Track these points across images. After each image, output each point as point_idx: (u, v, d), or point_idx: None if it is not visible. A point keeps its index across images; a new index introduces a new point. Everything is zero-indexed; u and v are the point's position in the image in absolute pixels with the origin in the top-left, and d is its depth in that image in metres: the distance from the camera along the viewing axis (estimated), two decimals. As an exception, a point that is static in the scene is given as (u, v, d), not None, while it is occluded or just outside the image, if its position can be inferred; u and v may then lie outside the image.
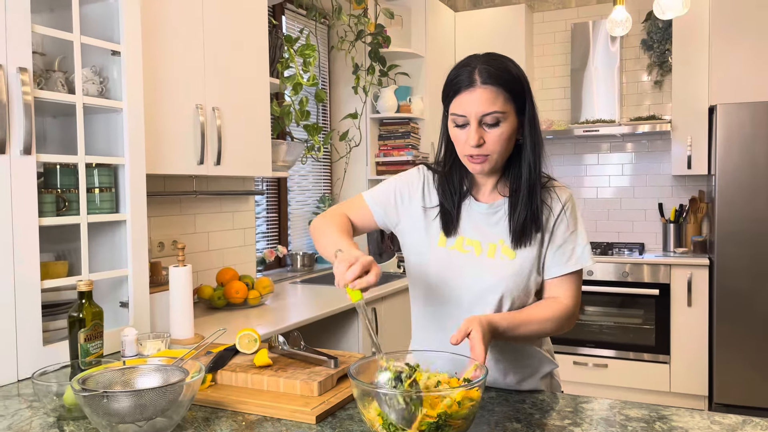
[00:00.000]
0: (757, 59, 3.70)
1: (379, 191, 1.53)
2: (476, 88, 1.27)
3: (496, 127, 1.29)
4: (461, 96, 1.29)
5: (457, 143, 1.34)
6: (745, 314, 3.66)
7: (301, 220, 3.78)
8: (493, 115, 1.27)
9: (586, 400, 1.33)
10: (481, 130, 1.29)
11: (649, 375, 3.99)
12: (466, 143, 1.31)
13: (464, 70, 1.29)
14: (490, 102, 1.27)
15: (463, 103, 1.29)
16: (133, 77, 1.83)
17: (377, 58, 3.72)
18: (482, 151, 1.30)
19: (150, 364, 1.27)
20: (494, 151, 1.30)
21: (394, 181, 1.53)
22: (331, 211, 1.53)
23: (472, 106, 1.27)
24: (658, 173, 4.51)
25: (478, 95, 1.27)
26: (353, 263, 1.15)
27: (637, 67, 4.54)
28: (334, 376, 1.38)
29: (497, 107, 1.27)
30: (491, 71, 1.27)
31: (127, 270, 1.83)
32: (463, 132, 1.31)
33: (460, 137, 1.32)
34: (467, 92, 1.28)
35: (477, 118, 1.28)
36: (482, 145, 1.29)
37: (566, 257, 1.37)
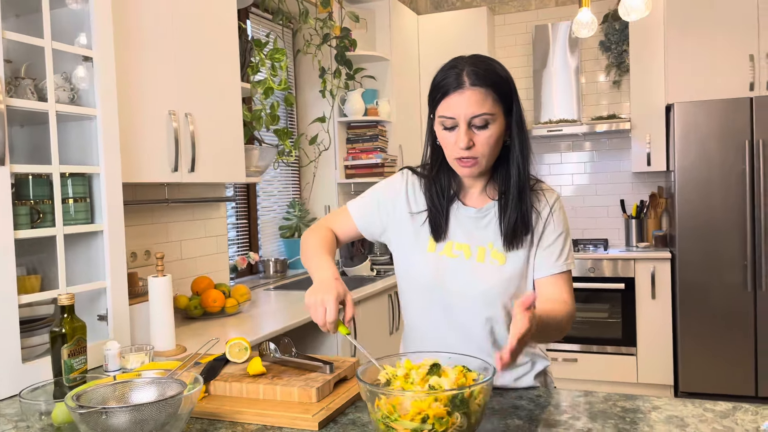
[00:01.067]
0: (711, 58, 3.85)
1: (362, 201, 1.53)
2: (465, 89, 1.26)
3: (485, 129, 1.28)
4: (450, 98, 1.28)
5: (446, 146, 1.33)
6: (705, 305, 3.79)
7: (271, 226, 3.74)
8: (482, 116, 1.27)
9: (581, 394, 1.36)
10: (470, 132, 1.28)
11: (616, 367, 4.09)
12: (455, 146, 1.30)
13: (451, 72, 1.29)
14: (479, 103, 1.26)
15: (452, 105, 1.28)
16: (106, 83, 1.78)
17: (343, 62, 3.72)
18: (472, 154, 1.30)
19: (144, 377, 1.24)
20: (484, 154, 1.30)
21: (376, 189, 1.53)
22: (317, 224, 1.56)
23: (461, 108, 1.27)
24: (618, 171, 4.63)
25: (468, 97, 1.26)
26: (326, 308, 1.24)
27: (596, 67, 4.65)
28: (330, 381, 1.37)
29: (486, 109, 1.27)
30: (479, 72, 1.27)
31: (105, 282, 1.78)
32: (452, 134, 1.30)
33: (449, 140, 1.31)
34: (456, 94, 1.27)
35: (466, 120, 1.27)
36: (472, 147, 1.29)
37: (555, 257, 1.39)
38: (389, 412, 1.04)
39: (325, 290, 1.26)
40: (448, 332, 1.43)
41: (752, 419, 1.17)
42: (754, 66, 3.74)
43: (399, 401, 1.03)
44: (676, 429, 1.14)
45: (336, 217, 1.56)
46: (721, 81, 3.82)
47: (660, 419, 1.19)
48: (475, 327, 1.40)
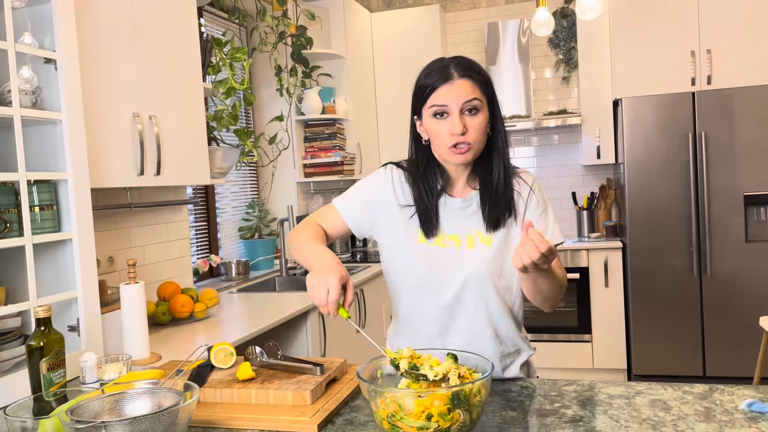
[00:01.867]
0: (655, 55, 4.01)
1: (348, 197, 1.56)
2: (455, 80, 1.35)
3: (476, 115, 1.36)
4: (441, 90, 1.35)
5: (439, 136, 1.38)
6: (655, 291, 3.97)
7: (231, 227, 3.69)
8: (473, 101, 1.34)
9: (566, 383, 1.40)
10: (463, 117, 1.35)
11: (573, 354, 4.23)
12: (449, 133, 1.35)
13: (438, 67, 1.37)
14: (469, 91, 1.34)
15: (444, 95, 1.35)
16: (71, 86, 1.72)
17: (300, 60, 3.69)
18: (466, 139, 1.35)
19: (138, 388, 1.21)
20: (476, 140, 1.37)
21: (361, 185, 1.56)
22: (304, 222, 1.56)
23: (453, 96, 1.34)
24: (569, 164, 4.78)
25: (458, 86, 1.34)
26: (328, 288, 1.24)
27: (545, 64, 4.78)
28: (322, 383, 1.37)
29: (475, 95, 1.35)
30: (465, 65, 1.37)
31: (76, 292, 1.72)
32: (445, 123, 1.36)
33: (441, 129, 1.37)
34: (447, 85, 1.35)
35: (459, 107, 1.34)
36: (465, 132, 1.35)
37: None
38: (395, 410, 1.05)
39: (329, 271, 1.26)
40: (443, 321, 1.46)
41: (729, 399, 1.24)
42: (695, 62, 3.93)
43: (402, 400, 1.05)
44: (661, 412, 1.20)
45: (323, 215, 1.56)
46: (665, 76, 3.99)
47: (645, 403, 1.25)
48: (471, 312, 1.43)
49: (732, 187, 3.81)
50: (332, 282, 1.25)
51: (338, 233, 1.56)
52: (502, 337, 1.48)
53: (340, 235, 1.58)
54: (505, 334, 1.48)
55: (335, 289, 1.24)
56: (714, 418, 1.15)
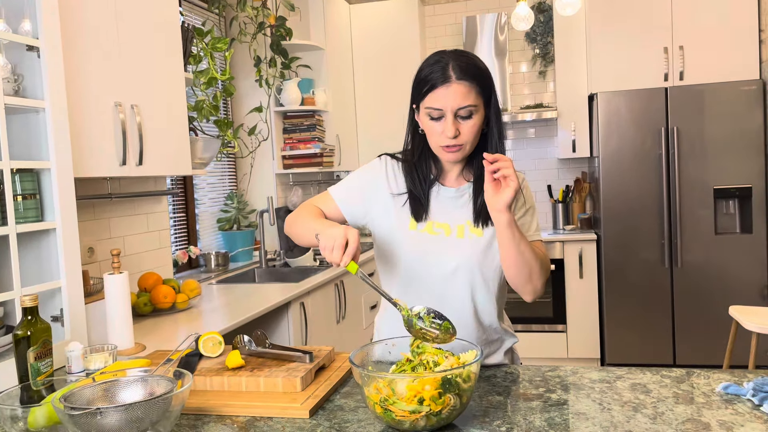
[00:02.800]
0: (629, 50, 4.10)
1: (343, 186, 1.58)
2: (452, 83, 1.35)
3: (470, 119, 1.38)
4: (437, 91, 1.36)
5: (432, 135, 1.41)
6: (628, 282, 4.06)
7: (210, 218, 3.67)
8: (467, 108, 1.36)
9: (550, 369, 1.45)
10: (456, 122, 1.37)
11: (549, 344, 4.31)
12: (442, 135, 1.38)
13: (437, 66, 1.37)
14: (464, 96, 1.35)
15: (439, 98, 1.36)
16: (54, 74, 1.70)
17: (279, 51, 3.68)
18: (458, 141, 1.38)
19: (130, 375, 1.21)
20: (468, 141, 1.40)
21: (356, 174, 1.59)
22: (302, 205, 1.58)
23: (448, 101, 1.35)
24: (544, 157, 4.85)
25: (454, 90, 1.35)
26: (333, 246, 1.26)
27: (522, 58, 4.83)
28: (312, 370, 1.39)
29: (471, 101, 1.36)
30: (464, 66, 1.36)
31: (60, 281, 1.71)
32: (439, 124, 1.38)
33: (435, 129, 1.39)
34: (443, 87, 1.36)
35: (453, 112, 1.36)
36: (458, 136, 1.38)
37: (527, 228, 1.49)
38: (388, 395, 1.08)
39: (345, 229, 1.27)
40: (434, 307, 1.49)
41: (706, 383, 1.30)
42: (668, 58, 4.02)
43: (394, 384, 1.08)
44: (641, 395, 1.24)
45: (320, 201, 1.58)
46: (639, 72, 4.07)
47: (626, 387, 1.29)
48: (458, 300, 1.47)
49: (702, 181, 3.91)
50: (352, 234, 1.27)
51: (334, 220, 1.56)
52: (486, 325, 1.52)
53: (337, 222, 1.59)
54: (489, 322, 1.52)
55: (354, 240, 1.26)
56: (692, 401, 1.20)
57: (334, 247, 1.26)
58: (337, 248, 1.26)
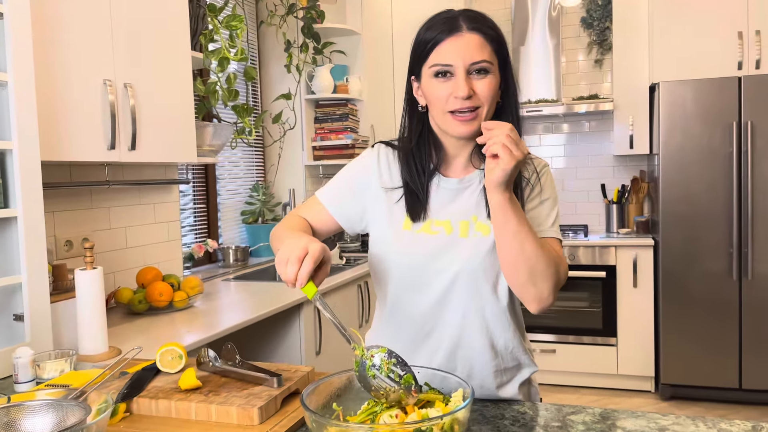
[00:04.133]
0: (698, 35, 3.67)
1: (331, 186, 1.33)
2: (463, 33, 1.12)
3: (485, 76, 1.13)
4: (445, 44, 1.12)
5: (439, 100, 1.15)
6: (689, 294, 3.65)
7: (233, 211, 3.49)
8: (482, 63, 1.12)
9: (573, 410, 1.15)
10: (470, 79, 1.12)
11: (596, 358, 3.94)
12: (451, 96, 1.13)
13: (444, 18, 1.15)
14: (479, 49, 1.12)
15: (448, 51, 1.12)
16: (20, 42, 1.51)
17: (310, 35, 3.46)
18: (472, 103, 1.12)
19: (40, 399, 1.00)
20: (484, 103, 1.13)
21: (345, 170, 1.34)
22: (287, 216, 1.35)
23: (459, 53, 1.11)
24: (599, 154, 4.46)
25: (466, 41, 1.12)
26: (288, 259, 1.01)
27: (577, 45, 4.45)
28: (278, 397, 1.14)
29: (485, 56, 1.12)
30: (476, 17, 1.14)
31: (21, 276, 1.53)
32: (448, 84, 1.13)
33: (442, 91, 1.14)
34: (452, 39, 1.12)
35: (465, 67, 1.12)
36: (472, 96, 1.12)
37: (541, 220, 1.20)
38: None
39: (302, 245, 1.01)
40: (427, 325, 1.22)
41: (780, 445, 0.98)
42: (743, 44, 3.57)
43: None
44: (691, 459, 0.94)
45: (306, 208, 1.34)
46: (708, 59, 3.64)
47: (670, 445, 0.99)
48: (459, 316, 1.20)
49: (779, 183, 3.46)
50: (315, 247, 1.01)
51: (326, 228, 1.33)
52: (499, 348, 1.23)
53: (330, 231, 1.34)
54: (504, 344, 1.23)
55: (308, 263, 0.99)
56: (760, 473, 0.89)
57: (288, 261, 1.00)
58: (292, 262, 0.99)
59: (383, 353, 0.97)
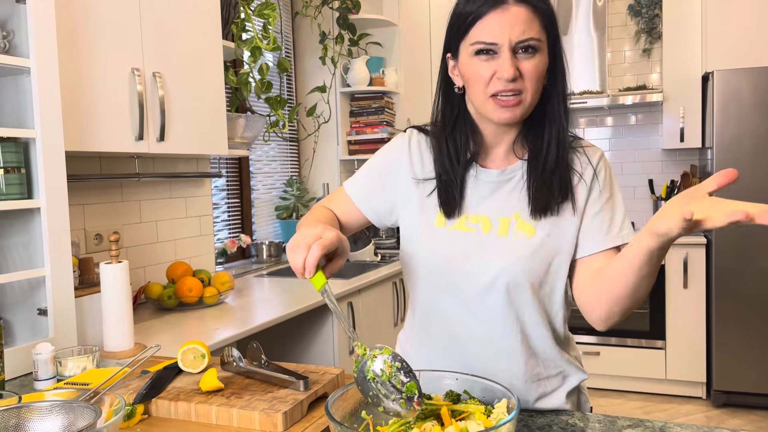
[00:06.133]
0: (757, 21, 3.45)
1: (360, 177, 1.23)
2: (509, 6, 0.99)
3: (533, 56, 1.01)
4: (488, 18, 1.00)
5: (478, 81, 1.03)
6: (744, 295, 3.44)
7: (267, 206, 3.43)
8: (530, 41, 1.00)
9: (629, 423, 1.03)
10: (516, 59, 1.00)
11: (643, 362, 3.75)
12: (495, 78, 1.01)
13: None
14: (527, 24, 0.99)
15: (492, 27, 1.00)
16: (43, 29, 1.46)
17: (346, 26, 3.38)
18: (517, 87, 1.00)
19: (49, 400, 0.93)
20: (530, 88, 1.01)
21: (374, 159, 1.23)
22: (313, 207, 1.25)
23: (506, 29, 0.99)
24: (647, 147, 4.26)
25: (513, 15, 0.99)
26: (298, 245, 0.91)
27: (624, 35, 4.26)
28: (304, 402, 1.06)
29: (534, 32, 1.00)
30: None
31: (44, 269, 1.48)
32: (490, 66, 1.01)
33: (484, 72, 1.01)
34: (497, 12, 0.99)
35: (511, 45, 0.99)
36: (517, 78, 1.00)
37: (605, 227, 1.08)
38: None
39: (315, 232, 0.93)
40: (463, 329, 1.12)
41: None
42: (806, 29, 3.35)
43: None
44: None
45: (333, 199, 1.25)
46: (766, 46, 3.42)
47: (746, 467, 0.86)
48: (498, 321, 1.09)
49: None
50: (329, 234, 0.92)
51: (355, 223, 1.24)
52: (540, 355, 1.12)
53: (359, 225, 1.25)
54: (544, 351, 1.12)
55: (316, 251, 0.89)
56: None
57: (298, 246, 0.91)
58: (301, 248, 0.90)
59: (387, 355, 0.87)
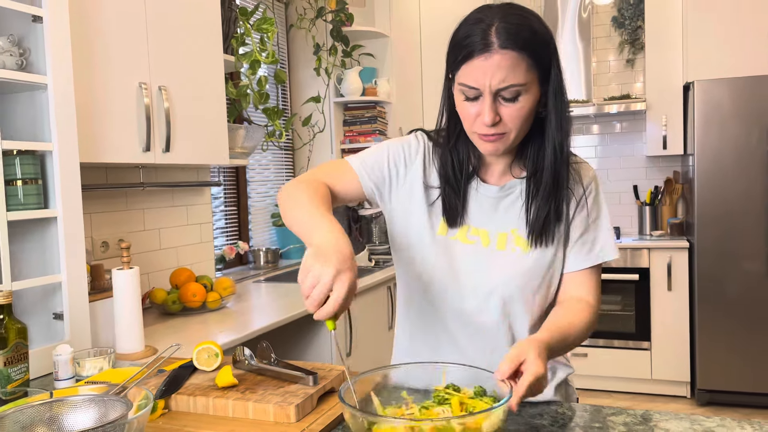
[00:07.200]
0: (735, 32, 3.59)
1: (370, 159, 1.23)
2: (493, 53, 1.01)
3: (515, 101, 1.05)
4: (474, 62, 1.03)
5: (466, 119, 1.09)
6: (725, 297, 3.56)
7: (263, 214, 3.51)
8: (512, 88, 1.03)
9: (613, 412, 1.13)
10: (496, 104, 1.05)
11: (629, 363, 3.87)
12: (477, 120, 1.07)
13: (477, 28, 1.03)
14: (509, 71, 1.01)
15: (475, 72, 1.03)
16: (59, 47, 1.54)
17: (339, 38, 3.47)
18: (498, 130, 1.06)
19: (82, 395, 1.01)
20: (512, 129, 1.07)
21: (387, 147, 1.24)
22: (305, 176, 1.20)
23: (486, 77, 1.02)
24: (631, 154, 4.39)
25: (496, 62, 1.01)
26: (313, 289, 0.90)
27: (608, 45, 4.39)
28: (314, 395, 1.15)
29: (517, 78, 1.02)
30: (511, 30, 1.02)
31: (61, 275, 1.55)
32: (474, 106, 1.06)
33: (469, 112, 1.07)
34: (481, 58, 1.02)
35: (492, 92, 1.03)
36: (498, 122, 1.06)
37: (587, 248, 1.17)
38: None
39: (340, 263, 0.91)
40: (457, 333, 1.20)
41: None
42: (781, 41, 3.49)
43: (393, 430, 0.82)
44: (739, 462, 0.91)
45: (333, 171, 1.22)
46: (745, 57, 3.56)
47: (716, 447, 0.96)
48: (490, 327, 1.18)
49: (820, 183, 3.36)
50: (340, 286, 0.90)
51: (349, 196, 1.23)
52: None
53: (350, 199, 1.26)
54: None
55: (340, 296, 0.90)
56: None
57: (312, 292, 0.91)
58: (317, 296, 0.90)
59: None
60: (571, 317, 1.10)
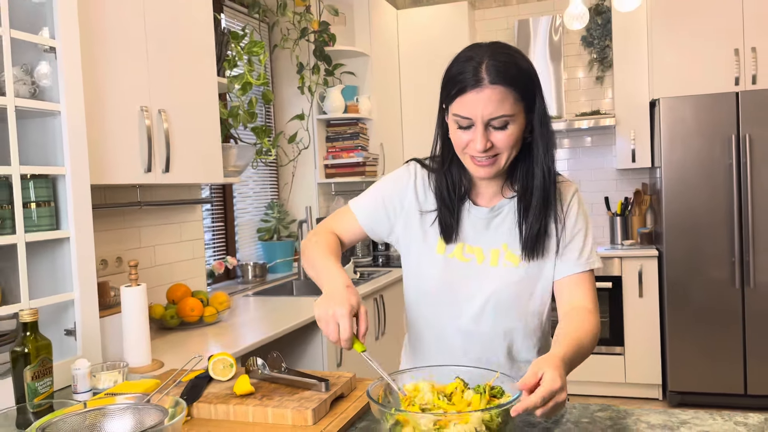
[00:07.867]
0: (696, 53, 3.80)
1: (366, 199, 1.41)
2: (484, 87, 1.14)
3: (504, 129, 1.18)
4: (467, 96, 1.16)
5: (459, 145, 1.22)
6: (694, 303, 3.75)
7: (249, 228, 3.59)
8: (501, 119, 1.16)
9: (599, 408, 1.25)
10: (487, 132, 1.17)
11: (604, 367, 4.03)
12: (470, 147, 1.20)
13: (469, 65, 1.16)
14: (498, 103, 1.14)
15: (468, 104, 1.16)
16: (71, 76, 1.62)
17: (322, 57, 3.59)
18: (490, 154, 1.19)
19: (119, 403, 1.09)
20: (504, 152, 1.20)
21: (380, 186, 1.40)
22: (318, 228, 1.42)
23: (478, 109, 1.15)
24: (601, 167, 4.58)
25: (487, 96, 1.14)
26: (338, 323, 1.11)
27: (578, 63, 4.59)
28: (327, 400, 1.24)
29: (506, 110, 1.15)
30: (500, 68, 1.14)
31: (73, 293, 1.63)
32: (467, 134, 1.19)
33: (462, 139, 1.20)
34: (473, 92, 1.15)
35: (484, 122, 1.16)
36: (490, 148, 1.18)
37: (576, 255, 1.29)
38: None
39: (338, 302, 1.12)
40: (461, 345, 1.32)
41: (791, 434, 1.08)
42: (740, 60, 3.71)
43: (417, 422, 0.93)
44: (711, 448, 1.04)
45: (338, 219, 1.43)
46: (706, 76, 3.77)
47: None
48: (490, 339, 1.30)
49: (778, 194, 3.58)
50: (342, 315, 1.10)
51: (355, 239, 1.43)
52: (521, 362, 1.34)
53: (358, 240, 1.45)
54: (527, 358, 1.34)
55: (346, 326, 1.10)
56: (775, 458, 0.99)
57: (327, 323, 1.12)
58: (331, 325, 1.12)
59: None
60: (577, 325, 1.20)
